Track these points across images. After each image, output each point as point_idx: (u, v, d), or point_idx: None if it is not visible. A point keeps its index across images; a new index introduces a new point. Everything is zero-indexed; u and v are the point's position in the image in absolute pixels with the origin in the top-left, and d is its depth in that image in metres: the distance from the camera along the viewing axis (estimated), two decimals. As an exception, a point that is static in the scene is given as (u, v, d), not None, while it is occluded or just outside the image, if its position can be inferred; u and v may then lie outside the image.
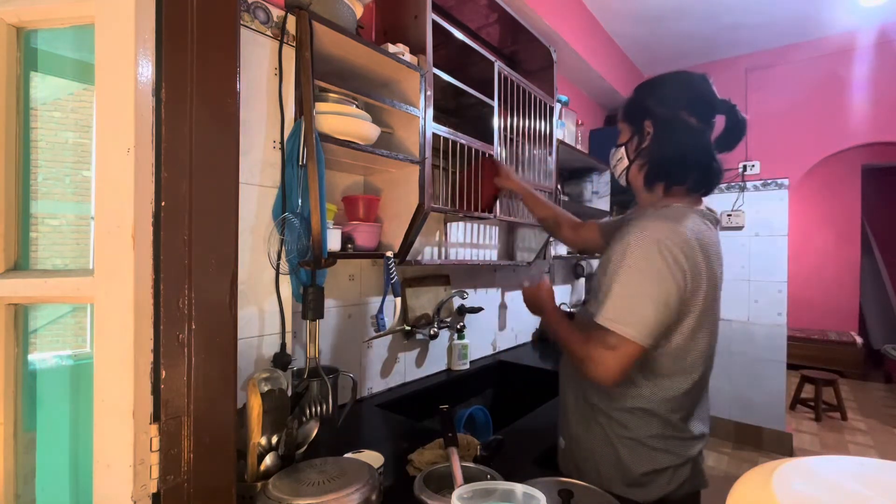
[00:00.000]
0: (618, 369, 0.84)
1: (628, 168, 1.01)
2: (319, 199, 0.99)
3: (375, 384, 1.52)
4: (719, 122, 0.95)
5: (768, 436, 3.13)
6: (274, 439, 0.80)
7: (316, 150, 0.99)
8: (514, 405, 1.88)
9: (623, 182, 1.04)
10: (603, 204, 2.67)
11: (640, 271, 0.84)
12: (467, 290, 1.86)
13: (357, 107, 1.14)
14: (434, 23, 1.33)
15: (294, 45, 1.03)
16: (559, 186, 2.09)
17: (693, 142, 0.93)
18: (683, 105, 0.93)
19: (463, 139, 1.46)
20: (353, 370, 1.25)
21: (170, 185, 0.53)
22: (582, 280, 2.98)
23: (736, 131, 0.93)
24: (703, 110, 0.93)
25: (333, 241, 1.16)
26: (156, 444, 0.52)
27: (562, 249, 2.40)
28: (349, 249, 1.23)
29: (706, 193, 0.97)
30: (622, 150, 1.00)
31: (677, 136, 0.93)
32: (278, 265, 1.00)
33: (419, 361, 1.70)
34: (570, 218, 1.37)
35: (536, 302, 1.10)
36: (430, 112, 1.31)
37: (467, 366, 1.83)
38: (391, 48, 1.24)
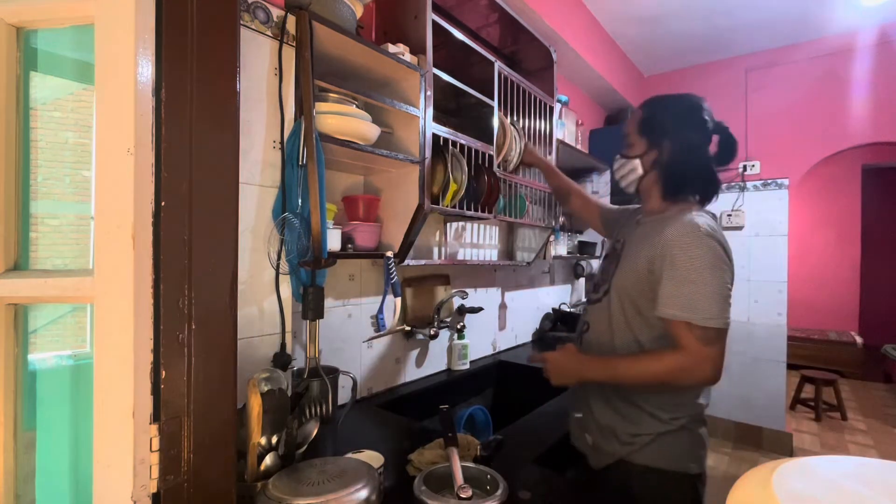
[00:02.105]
0: (722, 361, 0.90)
1: (641, 178, 1.09)
2: (319, 199, 0.99)
3: (375, 384, 1.52)
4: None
5: (768, 436, 3.13)
6: (274, 439, 0.80)
7: (316, 150, 0.99)
8: (514, 405, 1.88)
9: (632, 190, 1.13)
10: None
11: (710, 265, 0.91)
12: (467, 290, 1.86)
13: (357, 107, 1.14)
14: (434, 23, 1.33)
15: (294, 45, 1.03)
16: (559, 186, 2.09)
17: (701, 157, 1.04)
18: (692, 125, 1.04)
19: (463, 139, 1.46)
20: (353, 370, 1.25)
21: (170, 185, 0.53)
22: (582, 280, 2.98)
23: (730, 149, 1.06)
24: (705, 130, 1.04)
25: (333, 241, 1.16)
26: (156, 444, 0.52)
27: (562, 249, 2.40)
28: (349, 249, 1.23)
29: (705, 202, 1.08)
30: (636, 161, 1.08)
31: (692, 152, 1.04)
32: (278, 265, 1.00)
33: (419, 361, 1.70)
34: (580, 190, 1.52)
35: (568, 365, 1.06)
36: (430, 112, 1.31)
37: (467, 366, 1.83)
38: (391, 48, 1.24)
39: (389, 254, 1.26)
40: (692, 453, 1.00)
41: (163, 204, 0.53)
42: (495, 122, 1.61)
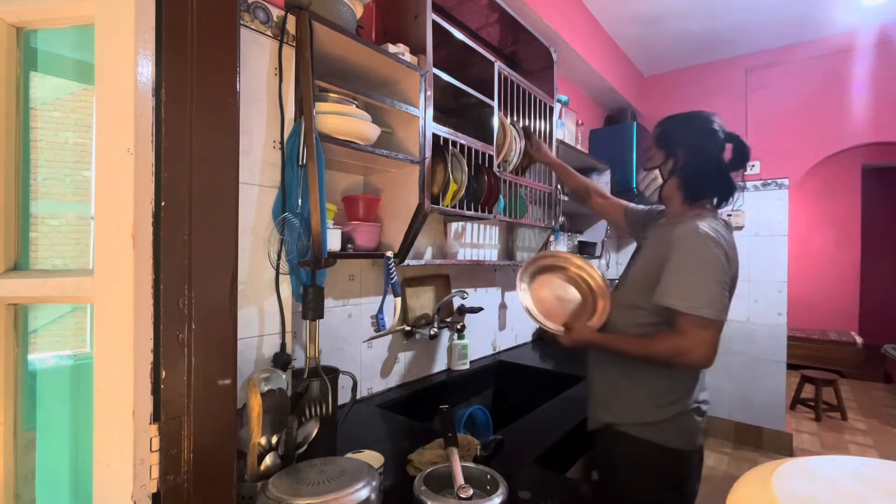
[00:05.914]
0: (714, 347, 1.01)
1: (662, 186, 1.22)
2: (319, 199, 0.99)
3: (375, 384, 1.52)
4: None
5: (768, 436, 3.13)
6: (274, 439, 0.80)
7: (316, 150, 0.99)
8: (514, 405, 1.88)
9: (655, 197, 1.26)
10: (603, 204, 2.66)
11: (705, 262, 1.03)
12: (467, 290, 1.86)
13: (357, 107, 1.14)
14: (434, 23, 1.33)
15: (294, 45, 1.03)
16: (559, 186, 2.09)
17: (715, 164, 1.16)
18: (703, 135, 1.16)
19: (463, 139, 1.46)
20: (353, 370, 1.25)
21: (170, 185, 0.53)
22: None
23: (742, 155, 1.15)
24: (716, 139, 1.16)
25: (333, 241, 1.16)
26: (156, 444, 0.52)
27: (562, 248, 2.39)
28: (349, 249, 1.23)
29: (722, 205, 1.19)
30: (656, 171, 1.22)
31: (705, 160, 1.16)
32: (278, 265, 1.00)
33: (419, 361, 1.70)
34: (598, 188, 1.60)
35: (583, 331, 1.19)
36: (430, 112, 1.31)
37: (467, 366, 1.83)
38: (391, 48, 1.24)
39: (389, 254, 1.26)
40: (681, 434, 1.12)
41: (163, 204, 0.52)
42: (495, 122, 1.61)
